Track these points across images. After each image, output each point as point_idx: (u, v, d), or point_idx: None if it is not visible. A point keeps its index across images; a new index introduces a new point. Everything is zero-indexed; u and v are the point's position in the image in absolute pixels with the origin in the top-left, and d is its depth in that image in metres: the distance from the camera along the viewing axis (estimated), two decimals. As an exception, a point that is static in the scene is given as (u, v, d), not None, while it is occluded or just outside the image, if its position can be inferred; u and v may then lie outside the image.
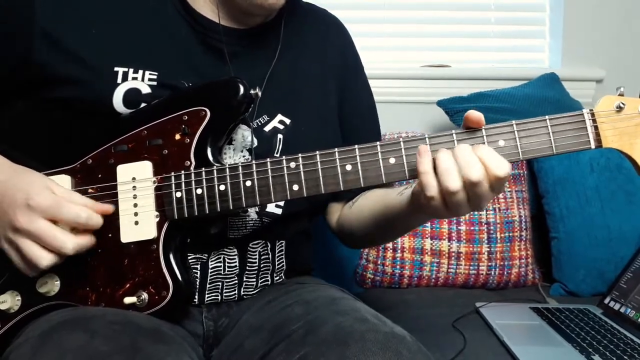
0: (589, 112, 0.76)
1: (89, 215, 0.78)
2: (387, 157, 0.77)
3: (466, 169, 0.71)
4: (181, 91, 0.89)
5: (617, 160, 1.50)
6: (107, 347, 0.66)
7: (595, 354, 1.05)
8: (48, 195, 0.77)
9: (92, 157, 0.86)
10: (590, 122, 0.75)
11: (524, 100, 1.63)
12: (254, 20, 0.95)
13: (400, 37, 1.91)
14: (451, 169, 0.71)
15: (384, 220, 0.93)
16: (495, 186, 0.73)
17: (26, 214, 0.75)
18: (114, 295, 0.81)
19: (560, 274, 1.50)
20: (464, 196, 0.72)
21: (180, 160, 0.83)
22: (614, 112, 0.75)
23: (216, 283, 0.91)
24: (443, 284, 1.50)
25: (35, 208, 0.75)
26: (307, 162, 0.79)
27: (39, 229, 0.75)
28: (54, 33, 0.86)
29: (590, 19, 1.85)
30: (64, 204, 0.77)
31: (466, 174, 0.71)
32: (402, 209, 0.86)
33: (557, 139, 0.75)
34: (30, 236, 0.76)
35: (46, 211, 0.76)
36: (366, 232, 1.00)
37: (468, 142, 0.75)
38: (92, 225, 0.79)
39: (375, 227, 0.96)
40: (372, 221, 0.96)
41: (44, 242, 0.75)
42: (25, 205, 0.75)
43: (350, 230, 1.04)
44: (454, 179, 0.71)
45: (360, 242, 1.13)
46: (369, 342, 0.70)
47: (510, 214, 1.51)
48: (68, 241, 0.76)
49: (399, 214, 0.88)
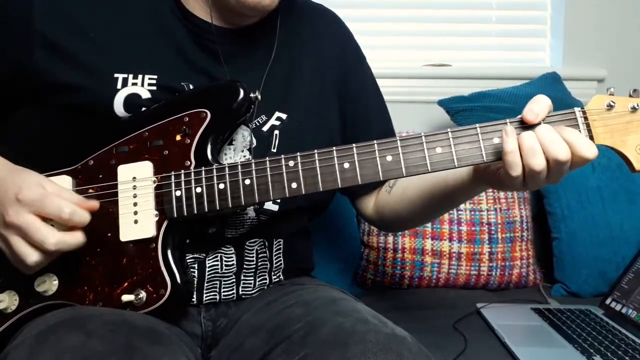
0: (581, 110, 0.78)
1: (73, 210, 0.77)
2: (384, 155, 0.78)
3: (551, 149, 0.73)
4: (182, 94, 0.90)
5: (618, 160, 1.46)
6: (104, 347, 0.66)
7: (596, 354, 1.04)
8: (36, 190, 0.76)
9: (93, 158, 0.86)
10: (582, 120, 0.78)
11: (525, 99, 1.59)
12: (247, 21, 0.95)
13: (401, 36, 1.91)
14: (536, 148, 0.74)
15: (438, 196, 0.93)
16: (578, 166, 0.76)
17: (15, 208, 0.75)
18: (112, 294, 0.81)
19: (561, 275, 1.50)
20: (545, 174, 0.75)
21: (181, 160, 0.84)
22: (604, 111, 0.78)
23: (214, 282, 0.91)
24: (444, 284, 1.49)
25: (23, 202, 0.75)
26: (305, 161, 0.80)
27: (24, 222, 0.75)
28: (52, 38, 0.87)
29: (591, 18, 1.85)
30: (49, 198, 0.76)
31: (553, 154, 0.73)
32: (463, 183, 0.88)
33: None
34: (18, 231, 0.75)
35: (32, 205, 0.75)
36: (416, 212, 1.00)
37: (465, 138, 0.78)
38: (77, 221, 0.78)
39: (427, 206, 0.97)
40: (423, 200, 0.96)
41: (28, 236, 0.75)
42: (14, 199, 0.75)
43: (396, 214, 1.03)
44: (538, 158, 0.74)
45: (410, 224, 1.13)
46: (369, 343, 0.70)
47: (511, 214, 1.50)
48: (50, 236, 0.75)
49: (457, 188, 0.89)
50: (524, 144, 0.74)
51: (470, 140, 0.78)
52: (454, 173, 0.88)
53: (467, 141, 0.78)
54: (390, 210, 1.04)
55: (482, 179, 0.84)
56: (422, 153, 0.78)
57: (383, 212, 1.06)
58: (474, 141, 0.78)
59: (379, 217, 1.08)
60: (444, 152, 0.78)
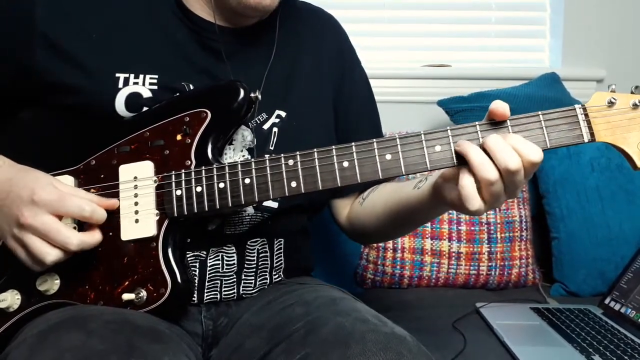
0: (581, 107, 0.77)
1: (93, 208, 0.78)
2: (383, 154, 0.78)
3: (502, 158, 0.72)
4: (183, 94, 0.90)
5: (617, 160, 1.49)
6: (104, 346, 0.66)
7: (595, 354, 1.05)
8: (52, 190, 0.77)
9: (95, 158, 0.87)
10: (582, 117, 0.77)
11: (524, 100, 1.62)
12: (248, 21, 0.96)
13: (401, 36, 1.91)
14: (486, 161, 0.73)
15: (401, 214, 0.93)
16: (529, 172, 0.74)
17: (31, 209, 0.75)
18: (113, 293, 0.81)
19: (560, 274, 1.50)
20: (501, 186, 0.73)
21: (181, 160, 0.84)
22: (605, 108, 0.77)
23: (215, 281, 0.91)
24: (443, 284, 1.49)
25: (40, 203, 0.75)
26: (305, 160, 0.80)
27: (44, 224, 0.75)
28: (54, 38, 0.87)
29: (590, 19, 1.85)
30: (68, 198, 0.77)
31: (503, 163, 0.72)
32: (423, 202, 0.87)
33: (551, 133, 0.77)
34: (36, 232, 0.75)
35: (50, 205, 0.76)
36: (381, 228, 1.00)
37: (465, 136, 0.77)
38: (97, 219, 0.79)
39: (391, 222, 0.97)
40: (387, 217, 0.97)
41: (48, 237, 0.75)
42: (30, 201, 0.75)
43: (363, 227, 1.04)
44: (490, 170, 0.72)
45: (374, 238, 1.14)
46: (369, 342, 0.70)
47: (510, 214, 1.51)
48: (73, 236, 0.76)
49: (418, 208, 0.89)
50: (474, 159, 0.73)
51: (470, 139, 0.77)
52: (417, 193, 0.88)
53: (467, 139, 0.77)
54: (359, 222, 1.05)
55: (442, 200, 0.81)
56: (422, 151, 0.78)
57: (354, 222, 1.07)
58: (474, 139, 0.77)
59: (350, 226, 1.09)
60: (443, 150, 0.78)
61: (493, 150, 0.73)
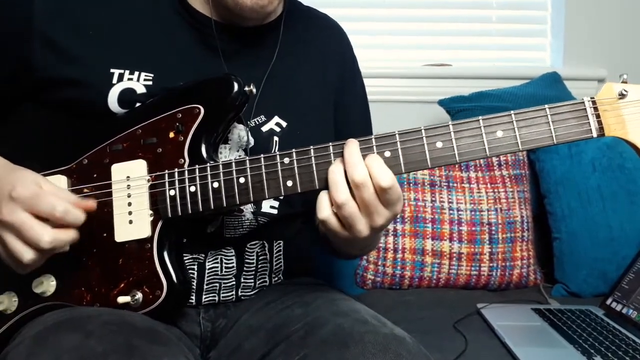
0: (590, 99, 0.74)
1: (66, 208, 0.75)
2: (382, 151, 0.77)
3: (350, 170, 0.72)
4: (175, 89, 0.88)
5: (619, 160, 1.49)
6: (103, 347, 0.66)
7: (597, 355, 1.04)
8: (30, 187, 0.75)
9: (87, 157, 0.85)
10: (591, 111, 0.74)
11: (525, 99, 1.62)
12: (247, 23, 0.94)
13: (401, 35, 1.91)
14: (339, 180, 0.73)
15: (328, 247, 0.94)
16: (383, 198, 0.73)
17: (9, 205, 0.74)
18: (109, 295, 0.80)
19: (562, 275, 1.49)
20: (354, 205, 0.73)
21: (175, 158, 0.82)
22: (616, 100, 0.73)
23: (213, 284, 0.90)
24: (444, 285, 1.49)
25: (17, 199, 0.74)
26: (301, 158, 0.78)
27: (18, 219, 0.73)
28: (51, 35, 0.86)
29: (591, 18, 1.84)
30: (43, 196, 0.75)
31: (350, 175, 0.72)
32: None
33: (557, 128, 0.74)
34: (12, 229, 0.74)
35: (25, 202, 0.74)
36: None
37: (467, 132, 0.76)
38: (70, 220, 0.76)
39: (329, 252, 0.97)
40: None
41: (22, 234, 0.74)
42: (8, 197, 0.74)
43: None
44: (341, 189, 0.72)
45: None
46: (368, 343, 0.70)
47: (511, 214, 1.50)
48: (45, 234, 0.73)
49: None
50: (329, 178, 0.74)
51: (472, 134, 0.75)
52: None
53: (469, 135, 0.75)
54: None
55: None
56: (422, 148, 0.76)
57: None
58: (477, 135, 0.75)
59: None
60: (444, 146, 0.76)
61: (345, 162, 0.73)
